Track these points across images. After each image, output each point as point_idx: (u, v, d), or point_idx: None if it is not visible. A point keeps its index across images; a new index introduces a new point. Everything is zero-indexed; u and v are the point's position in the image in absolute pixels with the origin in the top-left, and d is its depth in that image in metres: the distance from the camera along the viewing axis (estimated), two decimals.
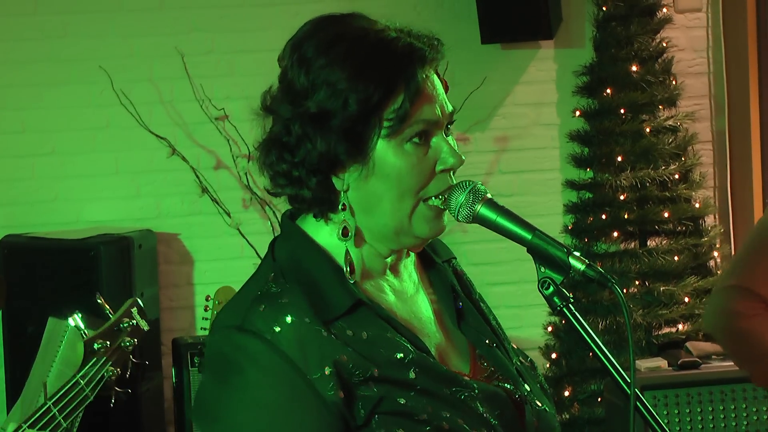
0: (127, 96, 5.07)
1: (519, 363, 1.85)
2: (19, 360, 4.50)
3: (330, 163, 1.68)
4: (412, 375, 1.67)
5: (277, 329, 1.64)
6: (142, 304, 2.99)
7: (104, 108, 5.11)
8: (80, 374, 2.81)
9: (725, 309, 3.05)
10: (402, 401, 1.65)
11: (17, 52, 5.11)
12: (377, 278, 1.77)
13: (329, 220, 1.73)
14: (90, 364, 2.83)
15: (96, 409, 2.92)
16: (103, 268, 4.60)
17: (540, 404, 1.79)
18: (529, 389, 1.79)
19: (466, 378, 1.72)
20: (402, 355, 1.67)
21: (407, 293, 1.79)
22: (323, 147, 1.67)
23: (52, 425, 2.75)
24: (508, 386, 1.77)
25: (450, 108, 1.74)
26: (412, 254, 1.83)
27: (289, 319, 1.65)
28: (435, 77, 1.73)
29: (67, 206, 5.15)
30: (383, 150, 1.69)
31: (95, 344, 2.85)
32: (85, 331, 2.88)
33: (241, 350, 1.65)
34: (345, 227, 1.71)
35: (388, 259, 1.77)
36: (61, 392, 2.78)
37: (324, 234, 1.75)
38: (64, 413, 2.77)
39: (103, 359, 2.84)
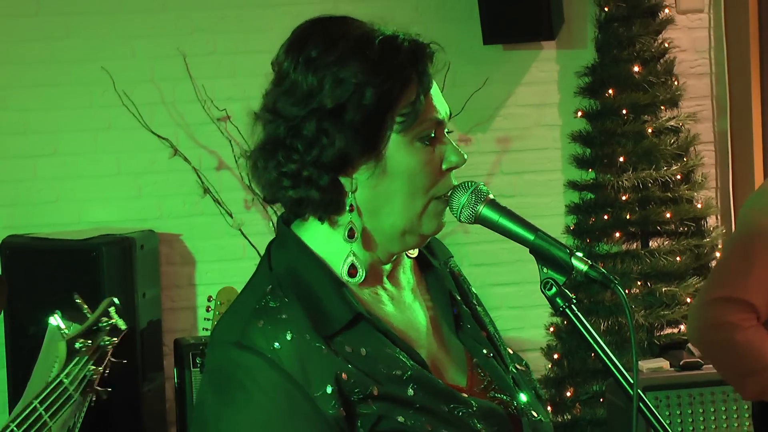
0: (129, 97, 5.07)
1: (515, 371, 1.82)
2: (21, 361, 4.50)
3: (342, 161, 1.66)
4: (410, 392, 1.65)
5: (277, 346, 1.62)
6: (118, 302, 2.99)
7: (106, 109, 5.12)
8: (64, 373, 2.81)
9: (718, 321, 2.98)
10: (401, 419, 1.63)
11: (19, 53, 5.11)
12: (375, 286, 1.74)
13: (334, 224, 1.71)
14: (73, 363, 2.83)
15: (97, 409, 2.91)
16: (104, 269, 4.60)
17: (536, 415, 1.77)
18: (526, 400, 1.77)
19: (464, 394, 1.70)
20: (400, 372, 1.65)
21: (405, 302, 1.77)
22: (341, 143, 1.65)
23: (39, 424, 2.75)
24: (505, 397, 1.75)
25: (449, 110, 1.74)
26: (408, 260, 1.81)
27: (288, 336, 1.63)
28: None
29: (69, 207, 5.15)
30: (395, 147, 1.67)
31: (77, 343, 2.85)
32: (65, 331, 2.88)
33: (240, 368, 1.63)
34: (352, 228, 1.69)
35: (387, 266, 1.75)
36: (46, 392, 2.78)
37: (320, 240, 1.72)
38: (50, 412, 2.77)
39: (85, 358, 2.84)
